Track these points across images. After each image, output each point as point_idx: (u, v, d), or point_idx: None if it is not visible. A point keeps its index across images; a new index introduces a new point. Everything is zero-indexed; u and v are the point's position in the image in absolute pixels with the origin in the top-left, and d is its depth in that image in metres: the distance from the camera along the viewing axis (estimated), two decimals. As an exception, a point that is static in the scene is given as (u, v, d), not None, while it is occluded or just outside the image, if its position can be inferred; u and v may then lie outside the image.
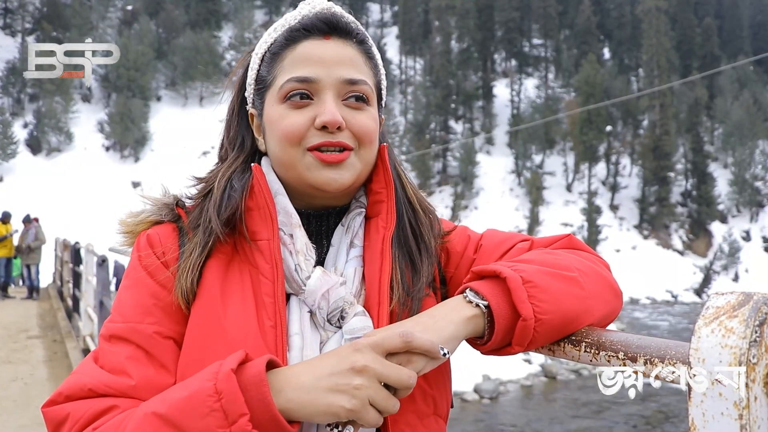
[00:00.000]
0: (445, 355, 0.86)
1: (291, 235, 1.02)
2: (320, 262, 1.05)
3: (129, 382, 0.91)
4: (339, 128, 1.00)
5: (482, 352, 0.97)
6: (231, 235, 1.03)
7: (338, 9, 1.07)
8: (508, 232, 1.17)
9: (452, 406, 1.11)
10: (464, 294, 0.93)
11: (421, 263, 1.06)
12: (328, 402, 0.81)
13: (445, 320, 0.90)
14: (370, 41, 1.10)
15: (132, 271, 1.03)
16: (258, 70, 1.08)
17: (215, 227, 1.00)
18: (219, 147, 1.15)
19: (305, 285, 0.99)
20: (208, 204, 1.04)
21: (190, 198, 1.10)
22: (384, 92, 1.15)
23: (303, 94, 1.01)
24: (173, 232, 1.05)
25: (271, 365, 0.85)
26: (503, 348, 0.93)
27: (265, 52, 1.07)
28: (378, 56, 1.11)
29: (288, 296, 1.00)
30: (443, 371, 1.04)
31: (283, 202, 1.04)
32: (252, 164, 1.06)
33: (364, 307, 1.00)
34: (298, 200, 1.06)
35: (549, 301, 0.90)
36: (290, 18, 1.07)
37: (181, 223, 1.07)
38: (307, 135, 1.01)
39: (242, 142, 1.11)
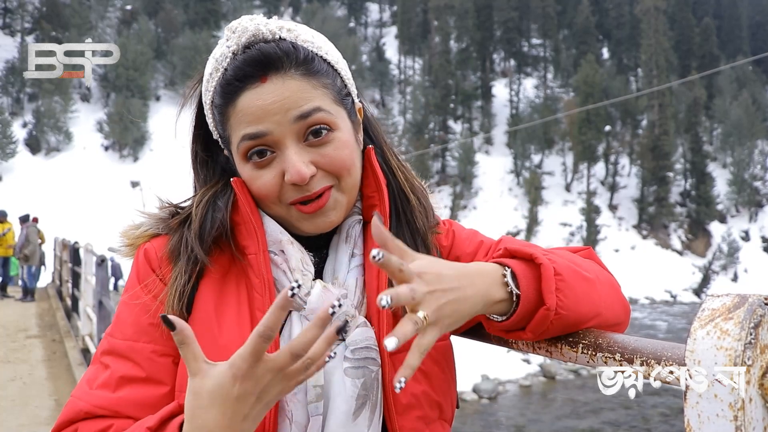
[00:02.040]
0: (335, 308, 0.76)
1: (282, 251, 1.00)
2: (318, 270, 1.04)
3: (123, 401, 0.93)
4: (311, 176, 0.96)
5: (489, 330, 0.96)
6: (228, 246, 1.02)
7: (266, 30, 0.96)
8: (526, 241, 1.11)
9: (458, 407, 1.10)
10: (504, 274, 0.90)
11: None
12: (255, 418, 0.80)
13: (479, 297, 0.85)
14: (314, 46, 1.00)
15: (130, 287, 1.04)
16: (214, 124, 1.04)
17: (199, 255, 0.99)
18: (192, 186, 1.12)
19: (306, 303, 0.98)
20: (186, 232, 1.02)
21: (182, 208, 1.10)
22: (352, 88, 1.07)
23: (260, 151, 0.96)
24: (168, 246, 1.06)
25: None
26: (514, 331, 0.92)
27: (212, 107, 1.01)
28: (331, 56, 1.02)
29: (289, 312, 0.98)
30: (448, 378, 1.04)
31: (268, 224, 1.02)
32: (232, 180, 1.02)
33: (366, 315, 1.00)
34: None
35: (571, 298, 0.89)
36: (221, 59, 0.97)
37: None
38: (282, 192, 0.98)
39: (222, 172, 1.09)
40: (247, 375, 0.76)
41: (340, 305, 0.76)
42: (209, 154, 1.10)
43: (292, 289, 0.72)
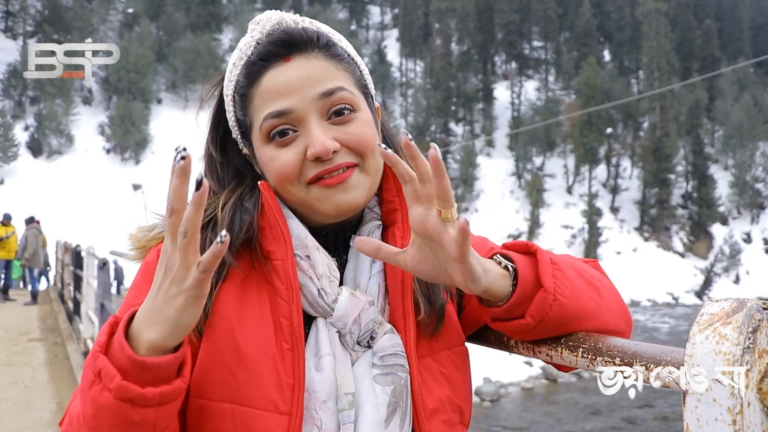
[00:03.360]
0: None
1: (308, 257, 0.98)
2: (340, 277, 1.02)
3: None
4: (334, 151, 0.95)
5: (491, 320, 0.96)
6: (248, 251, 0.99)
7: (290, 19, 1.01)
8: (532, 243, 1.14)
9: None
10: (497, 260, 0.92)
11: None
12: (165, 299, 0.78)
13: (486, 261, 0.89)
14: (335, 37, 1.03)
15: (136, 286, 1.00)
16: (234, 113, 1.03)
17: (227, 258, 0.95)
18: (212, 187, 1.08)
19: (333, 310, 0.96)
20: (211, 234, 0.98)
21: None
22: (370, 85, 1.07)
23: (284, 130, 0.96)
24: None
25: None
26: (514, 319, 0.92)
27: (234, 94, 1.02)
28: (350, 50, 1.05)
29: (314, 317, 0.97)
30: (468, 383, 1.05)
31: (294, 227, 0.99)
32: (259, 182, 1.00)
33: (389, 320, 0.99)
34: (309, 221, 1.01)
35: (569, 288, 0.90)
36: (245, 48, 1.00)
37: None
38: (303, 170, 0.96)
39: (236, 173, 1.07)
40: (162, 258, 0.78)
41: (184, 149, 0.71)
42: (224, 156, 1.09)
43: (178, 151, 0.71)
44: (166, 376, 0.80)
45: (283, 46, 0.97)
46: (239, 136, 1.05)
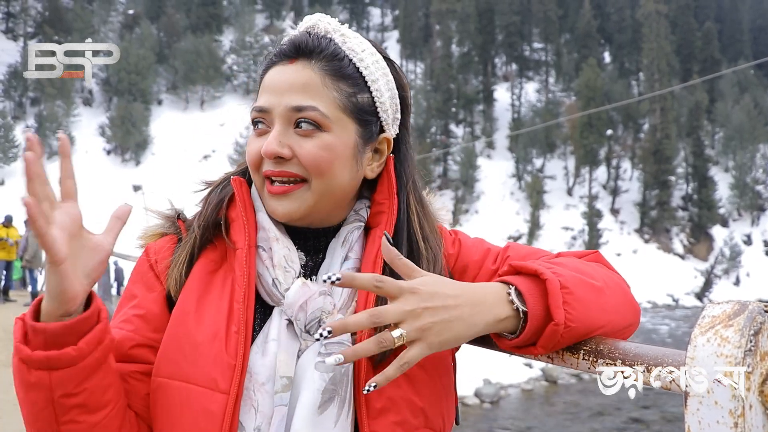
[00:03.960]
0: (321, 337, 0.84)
1: (270, 248, 1.04)
2: (315, 272, 1.07)
3: None
4: (282, 158, 1.01)
5: (501, 346, 0.96)
6: (222, 243, 1.08)
7: (324, 26, 1.06)
8: (533, 247, 1.15)
9: (458, 423, 1.09)
10: (508, 292, 0.90)
11: None
12: (49, 275, 0.86)
13: (479, 316, 0.88)
14: (354, 56, 1.05)
15: (131, 285, 1.10)
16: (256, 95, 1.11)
17: (195, 231, 1.07)
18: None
19: (284, 297, 1.00)
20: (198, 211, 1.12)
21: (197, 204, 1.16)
22: (380, 108, 1.08)
23: (260, 122, 1.04)
24: (171, 243, 1.11)
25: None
26: (525, 347, 0.92)
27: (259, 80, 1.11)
28: (366, 70, 1.06)
29: (272, 307, 1.02)
30: (438, 386, 1.02)
31: (262, 220, 1.06)
32: (233, 177, 1.09)
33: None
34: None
35: (579, 310, 0.89)
36: (281, 41, 1.08)
37: (181, 235, 1.12)
38: (262, 162, 1.03)
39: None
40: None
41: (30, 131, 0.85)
42: None
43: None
44: (55, 342, 0.83)
45: (292, 49, 1.03)
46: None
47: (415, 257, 1.06)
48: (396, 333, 0.81)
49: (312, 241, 1.08)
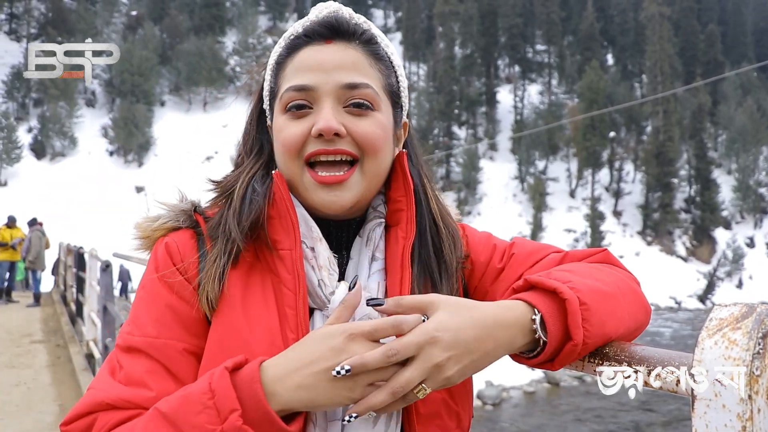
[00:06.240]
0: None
1: (312, 249, 0.98)
2: (340, 273, 1.02)
3: (149, 394, 0.89)
4: (338, 135, 0.96)
5: (514, 360, 0.94)
6: (251, 242, 0.99)
7: (347, 11, 1.03)
8: (540, 243, 1.14)
9: (472, 416, 1.09)
10: (533, 318, 0.87)
11: (440, 283, 1.03)
12: (330, 396, 0.80)
13: (501, 349, 0.86)
14: (382, 41, 1.05)
15: (149, 283, 0.99)
16: (269, 82, 1.06)
17: (235, 236, 0.97)
18: (236, 155, 1.12)
19: (330, 301, 0.96)
20: (227, 211, 1.00)
21: (207, 203, 1.07)
22: (403, 94, 1.08)
23: (301, 104, 0.98)
24: (191, 240, 1.01)
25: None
26: (542, 363, 0.90)
27: (274, 63, 1.05)
28: (393, 56, 1.06)
29: (312, 310, 0.97)
30: (468, 388, 1.03)
31: (303, 214, 1.00)
32: (273, 171, 1.01)
33: None
34: (313, 209, 1.02)
35: (597, 326, 0.87)
36: (297, 26, 1.03)
37: (199, 230, 1.03)
38: (304, 144, 0.97)
39: (261, 148, 1.08)
40: (359, 349, 0.81)
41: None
42: (257, 128, 1.10)
43: None
44: None
45: (328, 29, 1.00)
46: (268, 107, 1.07)
47: (438, 258, 1.04)
48: (419, 393, 0.81)
49: (334, 236, 1.04)
